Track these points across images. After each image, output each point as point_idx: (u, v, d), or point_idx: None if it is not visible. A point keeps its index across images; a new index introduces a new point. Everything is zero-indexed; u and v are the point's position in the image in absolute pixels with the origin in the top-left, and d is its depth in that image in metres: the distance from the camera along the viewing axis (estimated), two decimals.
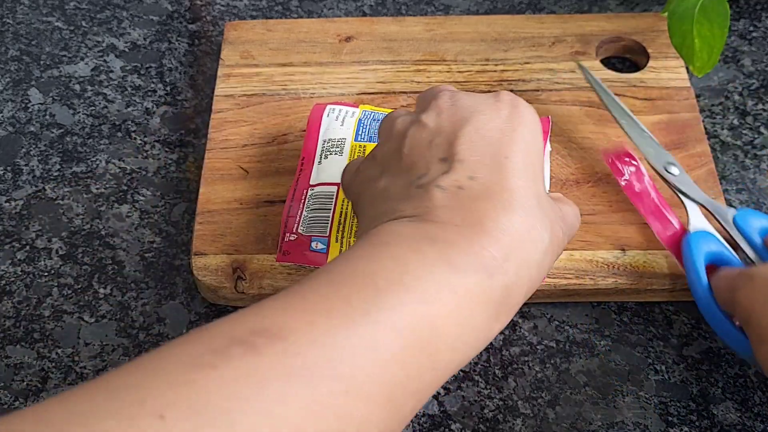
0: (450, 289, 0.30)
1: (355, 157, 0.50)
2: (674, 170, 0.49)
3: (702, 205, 0.48)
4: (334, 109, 0.52)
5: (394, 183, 0.36)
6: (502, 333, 0.46)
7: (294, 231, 0.47)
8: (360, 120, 0.51)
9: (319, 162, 0.50)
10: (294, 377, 0.26)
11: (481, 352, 0.45)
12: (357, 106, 0.52)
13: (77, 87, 0.59)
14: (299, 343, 0.27)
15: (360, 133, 0.50)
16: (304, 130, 0.53)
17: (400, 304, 0.29)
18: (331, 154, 0.50)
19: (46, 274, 0.50)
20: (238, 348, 0.26)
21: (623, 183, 0.48)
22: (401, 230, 0.33)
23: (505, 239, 0.32)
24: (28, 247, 0.51)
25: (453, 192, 0.34)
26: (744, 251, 0.46)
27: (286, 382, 0.26)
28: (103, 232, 0.51)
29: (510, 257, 0.32)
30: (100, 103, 0.58)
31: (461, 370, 0.45)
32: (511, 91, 0.55)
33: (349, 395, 0.27)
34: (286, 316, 0.28)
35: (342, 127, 0.51)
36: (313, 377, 0.26)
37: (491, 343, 0.46)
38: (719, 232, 0.47)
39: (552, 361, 0.46)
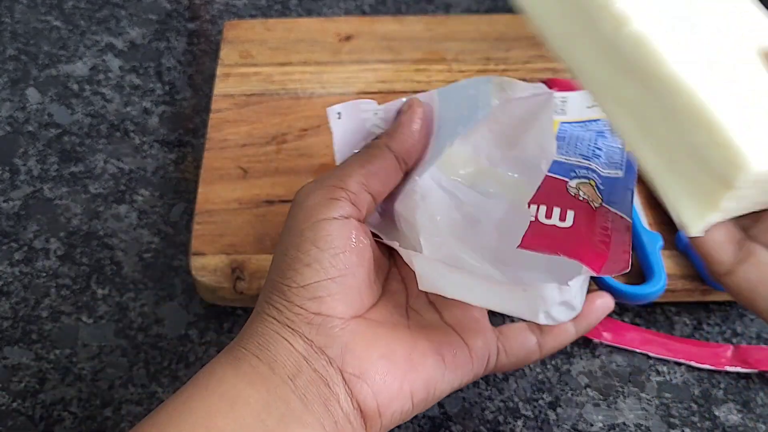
0: None
1: None
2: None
3: None
4: None
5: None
6: None
7: None
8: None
9: None
10: None
11: None
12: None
13: (75, 86, 0.59)
14: None
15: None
16: (304, 130, 0.53)
17: None
18: None
19: (44, 274, 0.49)
20: None
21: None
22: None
23: None
24: (26, 248, 0.50)
25: None
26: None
27: None
28: (101, 233, 0.51)
29: None
30: (98, 103, 0.58)
31: None
32: None
33: None
34: None
35: None
36: None
37: None
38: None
39: (553, 362, 0.45)
